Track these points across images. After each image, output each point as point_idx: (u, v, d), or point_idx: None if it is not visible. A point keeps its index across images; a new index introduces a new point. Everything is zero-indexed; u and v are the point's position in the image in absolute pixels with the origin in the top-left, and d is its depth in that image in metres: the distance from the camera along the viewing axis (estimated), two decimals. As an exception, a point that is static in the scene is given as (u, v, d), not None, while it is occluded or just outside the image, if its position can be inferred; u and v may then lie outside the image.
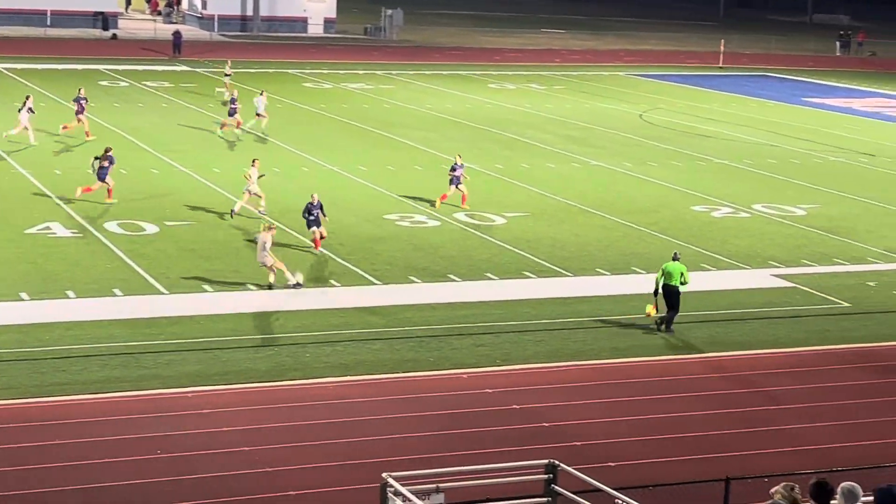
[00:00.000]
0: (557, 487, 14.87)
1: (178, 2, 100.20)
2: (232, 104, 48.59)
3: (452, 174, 37.07)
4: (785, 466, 19.03)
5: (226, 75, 59.20)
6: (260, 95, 49.96)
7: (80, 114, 45.97)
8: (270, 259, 28.17)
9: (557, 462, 15.07)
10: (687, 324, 26.97)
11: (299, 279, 28.55)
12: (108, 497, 18.00)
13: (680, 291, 26.56)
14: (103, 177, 35.75)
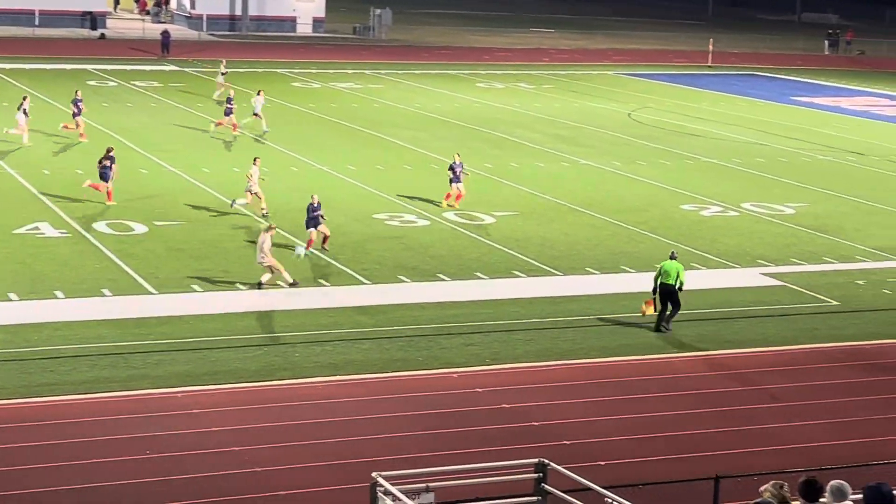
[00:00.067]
0: (547, 486, 14.88)
1: (167, 1, 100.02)
2: (228, 104, 48.49)
3: (452, 173, 37.14)
4: (774, 465, 19.07)
5: (221, 74, 58.88)
6: (257, 95, 49.90)
7: (77, 116, 45.90)
8: (269, 259, 28.19)
9: (547, 461, 15.06)
10: (676, 322, 27.00)
11: (288, 278, 28.58)
12: (98, 497, 17.97)
13: (676, 290, 26.61)
14: (106, 177, 35.65)
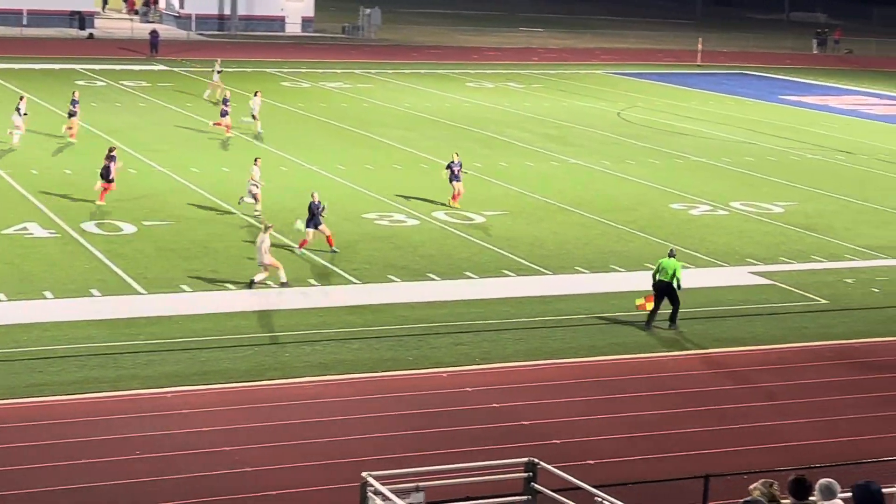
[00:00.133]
0: (537, 485, 14.88)
1: (155, 1, 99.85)
2: (224, 104, 48.37)
3: (450, 172, 37.18)
4: (764, 463, 19.09)
5: (216, 73, 58.55)
6: (254, 97, 49.80)
7: (73, 117, 45.81)
8: (269, 259, 28.20)
9: (537, 460, 15.07)
10: (666, 321, 27.03)
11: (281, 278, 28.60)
12: (88, 498, 17.94)
13: (674, 287, 26.67)
14: (108, 176, 35.59)
